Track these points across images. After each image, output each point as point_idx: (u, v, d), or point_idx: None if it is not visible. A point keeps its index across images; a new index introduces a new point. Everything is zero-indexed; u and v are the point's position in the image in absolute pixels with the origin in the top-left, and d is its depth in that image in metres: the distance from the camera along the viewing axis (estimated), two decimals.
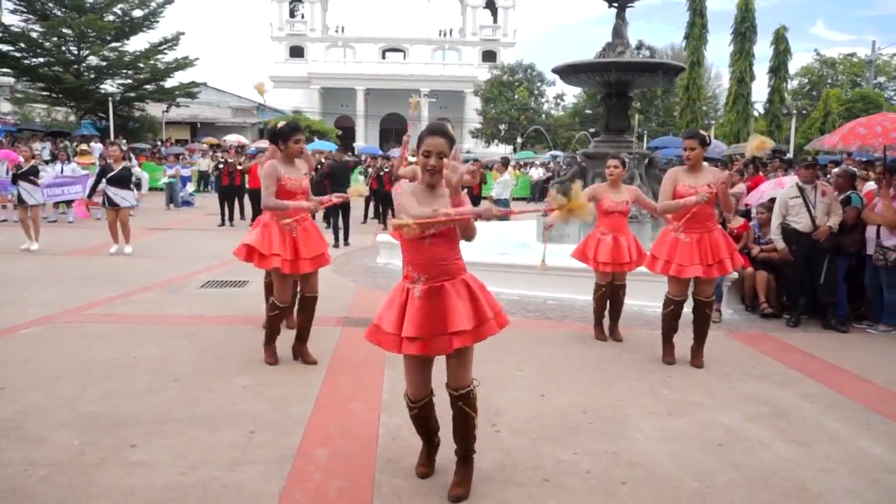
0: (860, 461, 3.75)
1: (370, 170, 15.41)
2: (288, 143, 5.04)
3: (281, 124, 5.19)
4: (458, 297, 3.08)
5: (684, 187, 5.21)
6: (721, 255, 5.25)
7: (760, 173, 12.66)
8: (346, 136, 46.04)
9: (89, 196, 12.06)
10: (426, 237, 3.02)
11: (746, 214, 8.82)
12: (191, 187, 21.29)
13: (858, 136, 7.65)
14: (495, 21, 57.81)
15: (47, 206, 15.54)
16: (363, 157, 25.57)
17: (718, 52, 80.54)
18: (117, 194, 10.35)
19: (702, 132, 5.36)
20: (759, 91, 43.25)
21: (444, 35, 58.16)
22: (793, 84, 40.80)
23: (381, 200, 15.67)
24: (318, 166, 12.70)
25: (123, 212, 10.47)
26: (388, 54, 58.63)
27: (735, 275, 6.92)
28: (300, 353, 5.28)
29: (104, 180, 10.46)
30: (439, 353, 3.10)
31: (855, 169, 8.75)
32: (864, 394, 4.88)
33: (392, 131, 55.70)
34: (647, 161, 10.47)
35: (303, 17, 56.95)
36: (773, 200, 7.60)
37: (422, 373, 3.21)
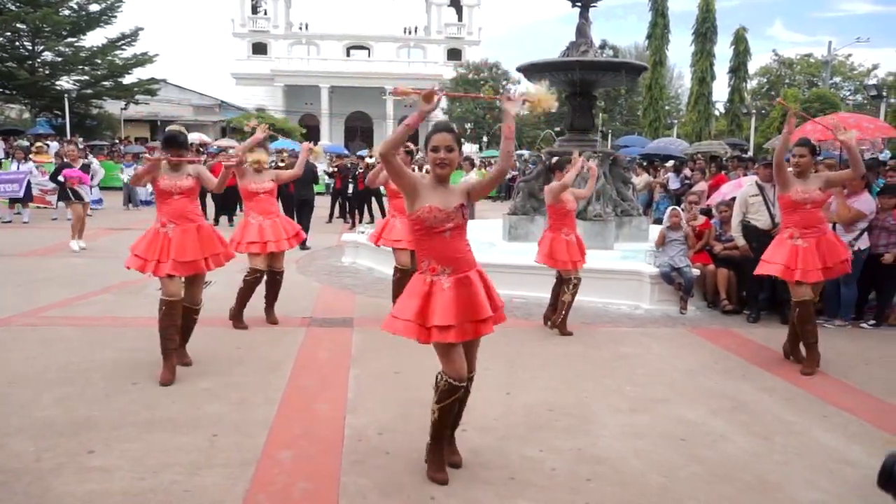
0: (817, 453, 3.84)
1: (334, 170, 15.27)
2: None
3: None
4: (480, 286, 3.31)
5: (797, 193, 5.36)
6: (841, 258, 5.32)
7: (722, 172, 12.91)
8: (310, 134, 45.49)
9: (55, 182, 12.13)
10: (446, 230, 3.21)
11: (708, 213, 8.99)
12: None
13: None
14: (460, 19, 57.79)
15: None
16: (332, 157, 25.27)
17: (680, 52, 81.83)
18: (82, 188, 10.91)
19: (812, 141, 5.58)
20: (720, 91, 44.06)
21: (409, 33, 57.98)
22: (752, 84, 41.62)
23: (350, 200, 15.50)
24: (281, 164, 12.52)
25: (84, 206, 10.74)
26: (352, 52, 58.24)
27: None
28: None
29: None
30: (466, 339, 3.27)
31: None
32: (820, 386, 5.00)
33: (357, 129, 55.35)
34: (611, 160, 10.59)
35: (266, 13, 56.23)
36: (735, 199, 7.73)
37: (461, 352, 3.31)
